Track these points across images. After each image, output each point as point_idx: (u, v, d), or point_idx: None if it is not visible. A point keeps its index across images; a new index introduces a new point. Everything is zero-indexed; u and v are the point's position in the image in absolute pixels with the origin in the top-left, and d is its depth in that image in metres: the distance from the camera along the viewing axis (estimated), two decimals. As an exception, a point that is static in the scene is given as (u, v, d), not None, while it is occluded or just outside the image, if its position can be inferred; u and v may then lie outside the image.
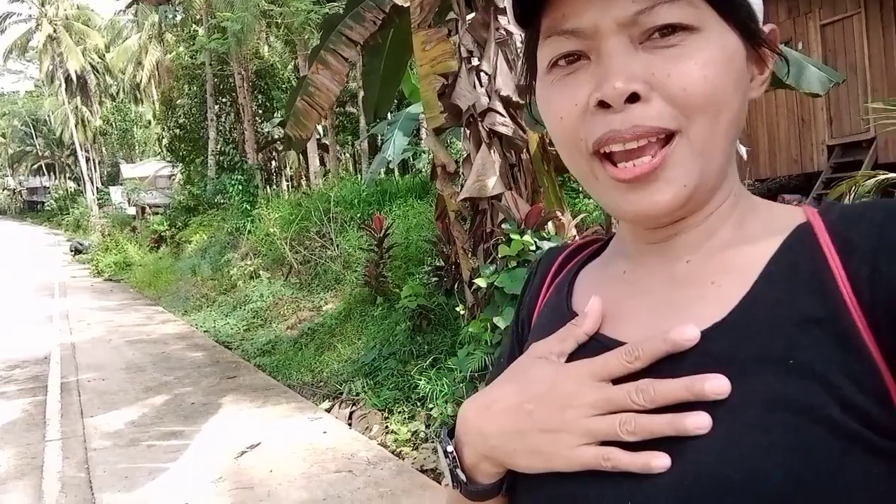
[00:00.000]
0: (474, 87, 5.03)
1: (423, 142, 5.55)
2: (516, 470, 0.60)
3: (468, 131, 5.18)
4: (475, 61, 5.04)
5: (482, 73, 5.05)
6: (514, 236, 4.64)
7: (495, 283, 4.71)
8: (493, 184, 4.90)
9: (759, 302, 0.53)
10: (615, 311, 0.60)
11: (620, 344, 0.56)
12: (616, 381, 0.54)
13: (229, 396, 6.46)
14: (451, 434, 0.65)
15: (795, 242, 0.55)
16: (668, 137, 0.53)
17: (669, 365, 0.52)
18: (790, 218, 0.57)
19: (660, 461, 0.50)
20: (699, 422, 0.49)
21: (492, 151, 5.02)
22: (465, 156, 5.33)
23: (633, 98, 0.52)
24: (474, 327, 5.08)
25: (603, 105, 0.53)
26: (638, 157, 0.53)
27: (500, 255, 4.72)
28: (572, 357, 0.58)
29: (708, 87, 0.52)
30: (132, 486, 4.40)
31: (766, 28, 0.58)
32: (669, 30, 0.52)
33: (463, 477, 0.62)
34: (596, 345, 0.58)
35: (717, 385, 0.49)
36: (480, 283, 4.87)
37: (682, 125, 0.53)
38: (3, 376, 7.92)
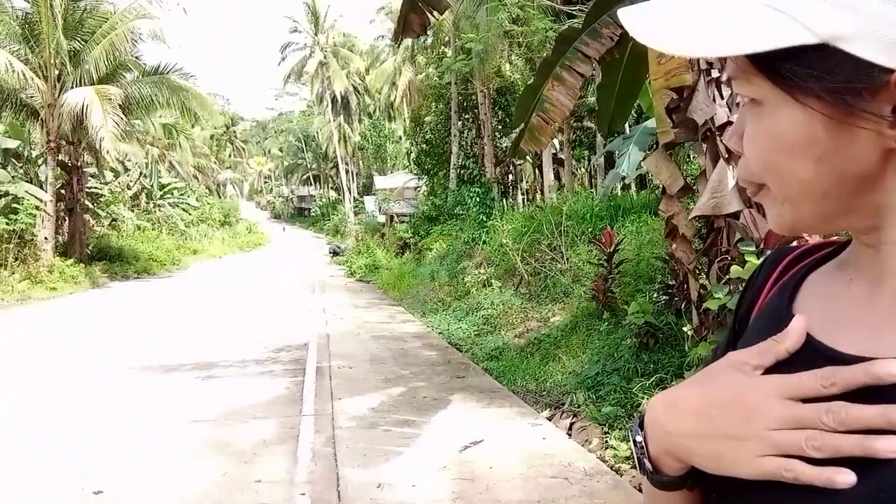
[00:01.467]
0: (713, 100, 4.87)
1: (644, 161, 5.43)
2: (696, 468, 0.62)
3: (705, 146, 5.02)
4: (714, 73, 4.87)
5: (721, 86, 4.87)
6: (750, 258, 4.40)
7: (727, 305, 4.51)
8: (729, 201, 4.70)
9: None
10: (836, 319, 0.60)
11: (836, 353, 0.56)
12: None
13: (457, 395, 6.88)
14: (643, 424, 0.68)
15: None
16: None
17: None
18: None
19: (845, 477, 0.50)
20: (891, 446, 0.49)
21: (730, 167, 4.81)
22: (700, 171, 5.16)
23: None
24: (703, 349, 4.89)
25: None
26: None
27: (732, 276, 4.50)
28: (793, 361, 0.58)
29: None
30: (369, 464, 4.92)
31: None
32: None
33: (649, 466, 0.66)
34: (811, 351, 0.58)
35: None
36: (711, 305, 4.68)
37: (763, 181, 0.57)
38: (271, 357, 9.21)
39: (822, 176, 0.55)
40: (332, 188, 68.58)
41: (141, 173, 35.82)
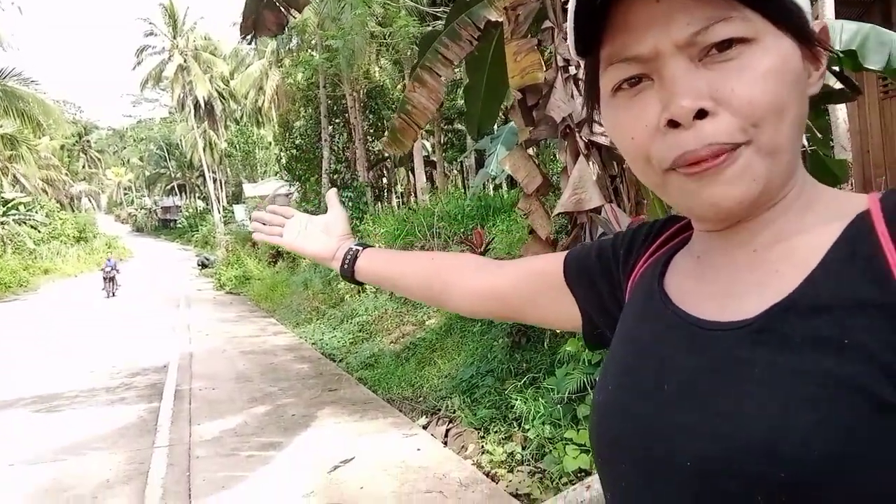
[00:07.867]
0: (571, 96, 4.84)
1: (502, 160, 5.40)
2: None
3: (565, 143, 4.99)
4: (572, 70, 4.85)
5: (579, 83, 4.86)
6: (613, 251, 4.40)
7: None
8: (591, 196, 4.68)
9: (817, 287, 0.55)
10: (692, 291, 0.66)
11: (696, 319, 0.62)
12: (711, 368, 0.58)
13: (328, 409, 6.54)
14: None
15: (855, 230, 0.56)
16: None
17: (724, 342, 0.57)
18: (853, 205, 0.58)
19: None
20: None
21: (590, 163, 4.81)
22: (562, 168, 5.14)
23: (702, 114, 0.55)
24: (572, 346, 4.88)
25: (673, 124, 0.56)
26: None
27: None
28: (665, 330, 0.64)
29: (770, 96, 0.54)
30: (227, 497, 4.50)
31: (817, 26, 0.59)
32: (726, 44, 0.55)
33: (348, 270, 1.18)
34: (675, 318, 0.64)
35: None
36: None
37: (750, 135, 0.55)
38: (125, 383, 8.44)
39: (803, 115, 0.58)
40: (199, 198, 65.46)
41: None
